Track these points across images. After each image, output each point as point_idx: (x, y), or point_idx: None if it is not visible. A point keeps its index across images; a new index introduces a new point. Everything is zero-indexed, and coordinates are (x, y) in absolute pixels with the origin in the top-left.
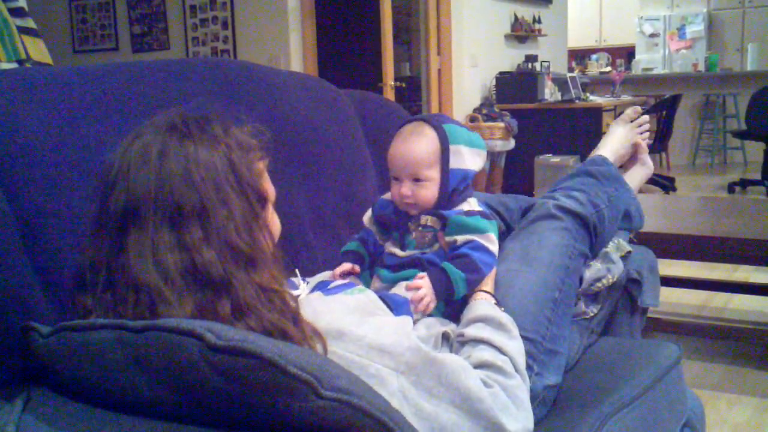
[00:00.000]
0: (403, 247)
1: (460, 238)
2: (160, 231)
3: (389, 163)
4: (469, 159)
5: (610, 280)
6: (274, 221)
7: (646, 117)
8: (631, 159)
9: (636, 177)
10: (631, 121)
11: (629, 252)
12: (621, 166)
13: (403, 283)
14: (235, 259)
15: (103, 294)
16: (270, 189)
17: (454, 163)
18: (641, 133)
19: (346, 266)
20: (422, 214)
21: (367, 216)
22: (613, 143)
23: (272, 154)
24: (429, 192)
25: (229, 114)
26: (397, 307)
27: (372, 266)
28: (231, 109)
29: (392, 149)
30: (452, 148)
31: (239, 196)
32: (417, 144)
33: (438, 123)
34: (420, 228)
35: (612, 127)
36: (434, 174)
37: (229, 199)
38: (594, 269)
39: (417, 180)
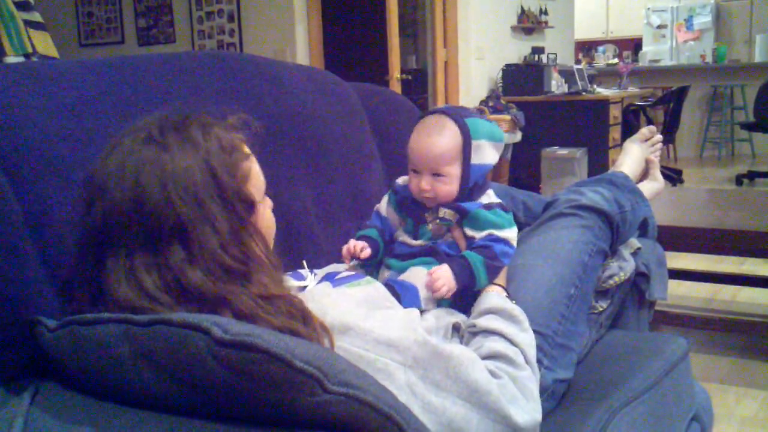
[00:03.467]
0: (416, 237)
1: (480, 234)
2: (137, 252)
3: (410, 155)
4: (490, 154)
5: (622, 278)
6: (267, 220)
7: (660, 137)
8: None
9: (647, 192)
10: (646, 140)
11: (639, 248)
12: None
13: (414, 269)
14: (226, 275)
15: (92, 307)
16: (259, 187)
17: (475, 159)
18: (654, 152)
19: (359, 244)
20: (441, 206)
21: (383, 203)
22: (631, 163)
23: (272, 145)
24: (449, 187)
25: (211, 108)
26: (404, 292)
27: (382, 258)
28: (217, 101)
29: (414, 142)
30: (474, 143)
31: (223, 209)
32: (439, 139)
33: (461, 117)
34: (437, 220)
35: (627, 146)
36: (455, 170)
37: (211, 213)
38: (606, 266)
39: (437, 174)
